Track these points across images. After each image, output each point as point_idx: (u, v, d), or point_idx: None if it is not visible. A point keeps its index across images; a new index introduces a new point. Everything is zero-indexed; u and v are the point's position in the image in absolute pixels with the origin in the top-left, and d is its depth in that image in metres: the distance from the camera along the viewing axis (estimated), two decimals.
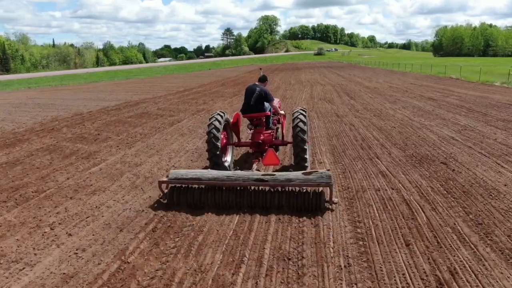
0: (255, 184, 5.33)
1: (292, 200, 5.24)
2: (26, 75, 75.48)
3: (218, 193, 5.40)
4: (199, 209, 5.43)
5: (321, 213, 5.20)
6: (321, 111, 14.69)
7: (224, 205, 5.39)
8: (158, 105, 17.19)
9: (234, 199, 5.36)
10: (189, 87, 28.33)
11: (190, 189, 5.54)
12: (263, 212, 5.25)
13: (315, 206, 5.19)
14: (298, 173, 5.38)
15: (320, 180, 5.21)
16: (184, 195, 5.50)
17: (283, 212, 5.24)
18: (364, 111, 14.37)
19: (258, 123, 7.06)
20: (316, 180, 5.21)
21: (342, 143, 9.30)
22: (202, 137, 10.34)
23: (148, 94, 23.17)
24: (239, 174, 5.50)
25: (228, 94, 22.31)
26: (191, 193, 5.49)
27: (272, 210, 5.27)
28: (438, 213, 5.16)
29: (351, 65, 71.57)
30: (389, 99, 17.88)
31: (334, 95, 20.56)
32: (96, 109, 15.97)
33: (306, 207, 5.20)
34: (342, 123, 11.94)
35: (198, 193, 5.46)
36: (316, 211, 5.20)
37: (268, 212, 5.25)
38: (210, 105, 17.11)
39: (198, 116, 13.96)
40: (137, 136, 10.60)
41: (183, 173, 5.59)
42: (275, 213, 5.22)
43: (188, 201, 5.47)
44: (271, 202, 5.28)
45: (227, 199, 5.37)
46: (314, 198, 5.22)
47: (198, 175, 5.50)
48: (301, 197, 5.24)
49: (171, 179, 5.53)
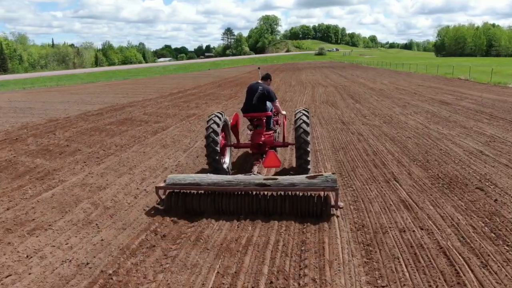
0: (257, 189, 5.12)
1: (295, 206, 5.03)
2: (24, 75, 74.38)
3: (218, 199, 5.18)
4: (198, 215, 5.11)
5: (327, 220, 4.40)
6: (324, 117, 13.22)
7: (225, 211, 5.16)
8: (146, 109, 15.73)
9: (235, 205, 5.14)
10: (184, 88, 26.88)
11: (189, 195, 5.30)
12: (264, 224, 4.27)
13: (320, 211, 4.96)
14: (302, 177, 5.15)
15: (325, 184, 4.97)
16: (182, 201, 5.25)
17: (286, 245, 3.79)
18: (372, 117, 12.90)
19: (258, 124, 6.79)
20: (321, 184, 4.97)
21: (350, 159, 7.84)
22: (186, 150, 8.90)
23: (138, 96, 21.71)
24: (240, 178, 5.26)
25: (223, 97, 20.86)
26: (190, 198, 5.25)
27: (275, 217, 4.98)
28: (492, 273, 3.70)
29: (353, 65, 70.05)
30: (398, 103, 16.40)
31: (337, 98, 19.09)
32: (75, 114, 14.50)
33: (310, 213, 4.98)
34: (349, 132, 10.47)
35: (197, 199, 5.24)
36: (321, 217, 4.94)
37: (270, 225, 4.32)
38: (202, 110, 15.65)
39: (186, 123, 12.51)
40: (111, 148, 9.14)
41: (181, 178, 5.34)
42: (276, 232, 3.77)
43: (187, 207, 5.22)
44: (273, 208, 5.07)
45: (228, 205, 5.15)
46: (319, 203, 4.99)
47: (197, 180, 5.25)
48: (305, 202, 5.02)
49: (169, 184, 5.29)
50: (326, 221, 4.84)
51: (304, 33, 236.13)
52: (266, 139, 6.70)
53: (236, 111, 8.64)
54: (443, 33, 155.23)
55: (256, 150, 6.67)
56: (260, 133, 6.69)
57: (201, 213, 5.13)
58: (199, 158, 8.10)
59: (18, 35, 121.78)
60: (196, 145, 9.33)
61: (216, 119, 6.29)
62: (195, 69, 70.18)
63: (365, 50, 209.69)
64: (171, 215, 5.16)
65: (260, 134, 6.67)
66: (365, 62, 76.94)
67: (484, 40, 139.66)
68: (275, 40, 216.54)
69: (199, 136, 10.34)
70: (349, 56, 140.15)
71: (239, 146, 7.23)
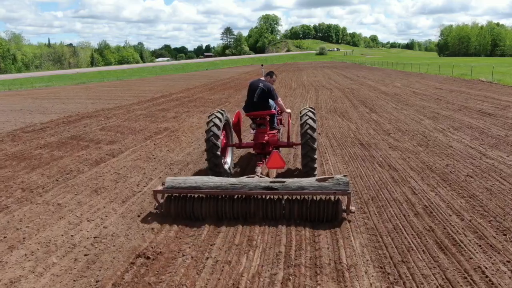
0: (264, 192, 4.74)
1: (305, 210, 4.67)
2: (16, 75, 71.41)
3: (221, 203, 4.79)
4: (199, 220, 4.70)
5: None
6: (335, 135, 10.00)
7: (228, 217, 4.78)
8: (108, 122, 12.49)
9: (239, 210, 4.75)
10: (170, 91, 23.65)
11: (190, 199, 4.89)
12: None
13: (331, 216, 4.61)
14: (312, 180, 4.80)
15: (337, 188, 4.59)
16: (182, 205, 4.84)
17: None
18: (399, 135, 9.68)
19: (261, 123, 6.48)
20: (332, 188, 4.61)
21: (391, 227, 4.58)
22: (127, 199, 5.67)
23: (111, 102, 18.49)
24: (244, 181, 4.87)
25: (212, 103, 17.65)
26: (190, 202, 4.85)
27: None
28: None
29: (356, 65, 66.84)
30: (424, 113, 13.18)
31: (347, 105, 15.87)
32: (10, 130, 11.17)
33: (321, 218, 4.63)
34: (375, 163, 7.24)
35: (199, 203, 4.83)
36: (332, 221, 4.54)
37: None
38: (179, 122, 12.44)
39: (150, 144, 9.29)
40: (13, 196, 5.92)
41: (181, 180, 4.92)
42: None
43: (187, 212, 4.83)
44: (281, 212, 4.72)
45: (231, 210, 4.76)
46: (330, 207, 4.62)
47: (198, 183, 4.84)
48: (315, 206, 4.66)
49: (168, 188, 4.88)
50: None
51: (305, 32, 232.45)
52: (270, 139, 6.46)
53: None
54: (446, 32, 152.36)
55: (259, 150, 6.45)
56: (263, 132, 6.45)
57: (202, 219, 4.80)
58: (142, 218, 4.92)
59: (11, 34, 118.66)
60: (147, 188, 6.13)
61: (217, 120, 5.93)
62: (193, 69, 67.10)
63: (367, 50, 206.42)
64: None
65: (264, 133, 6.44)
66: (368, 62, 73.67)
67: (489, 40, 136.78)
68: (275, 39, 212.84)
69: (158, 169, 7.13)
70: (350, 56, 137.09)
71: (241, 146, 6.92)
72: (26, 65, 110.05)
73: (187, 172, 6.98)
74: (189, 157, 8.00)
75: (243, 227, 4.63)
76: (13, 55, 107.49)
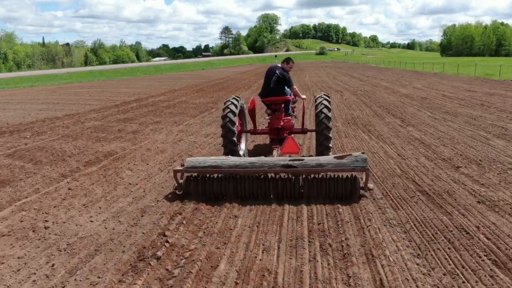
0: (283, 170, 4.83)
1: (323, 188, 4.76)
2: (5, 74, 67.58)
3: (240, 182, 4.83)
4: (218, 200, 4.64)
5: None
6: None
7: (247, 196, 4.84)
8: (30, 142, 8.65)
9: (258, 189, 4.82)
10: (149, 94, 19.88)
11: (209, 178, 4.96)
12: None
13: (349, 193, 4.71)
14: (330, 157, 4.92)
15: (355, 164, 4.71)
16: (202, 185, 4.91)
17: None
18: (474, 170, 5.93)
19: (276, 109, 6.57)
20: (350, 165, 4.72)
21: None
22: None
23: (67, 108, 14.69)
24: (264, 160, 4.92)
25: (194, 109, 13.89)
26: (210, 182, 4.91)
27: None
28: None
29: (360, 65, 63.17)
30: (482, 126, 9.45)
31: (367, 112, 12.16)
32: None
33: (339, 195, 4.73)
34: (477, 250, 3.48)
35: (218, 182, 4.89)
36: (350, 199, 4.65)
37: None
38: (135, 142, 8.67)
39: (58, 193, 5.51)
40: None
41: (201, 160, 5.01)
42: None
43: (207, 191, 4.89)
44: (299, 191, 4.77)
45: (250, 189, 4.82)
46: (348, 184, 4.71)
47: (217, 163, 4.92)
48: (333, 183, 4.75)
49: (187, 167, 4.94)
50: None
51: (304, 32, 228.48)
52: (285, 124, 6.50)
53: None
54: (449, 32, 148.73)
55: (274, 136, 6.52)
56: (279, 118, 6.48)
57: (222, 198, 4.83)
58: None
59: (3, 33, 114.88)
60: None
61: (232, 107, 6.03)
62: (189, 68, 63.22)
63: (367, 50, 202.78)
64: None
65: (279, 119, 6.48)
66: (372, 62, 70.01)
67: (493, 39, 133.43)
68: (274, 39, 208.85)
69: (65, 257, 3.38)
70: (351, 56, 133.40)
71: (256, 133, 7.01)
72: (17, 64, 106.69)
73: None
74: (103, 234, 4.22)
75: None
76: (4, 54, 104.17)
